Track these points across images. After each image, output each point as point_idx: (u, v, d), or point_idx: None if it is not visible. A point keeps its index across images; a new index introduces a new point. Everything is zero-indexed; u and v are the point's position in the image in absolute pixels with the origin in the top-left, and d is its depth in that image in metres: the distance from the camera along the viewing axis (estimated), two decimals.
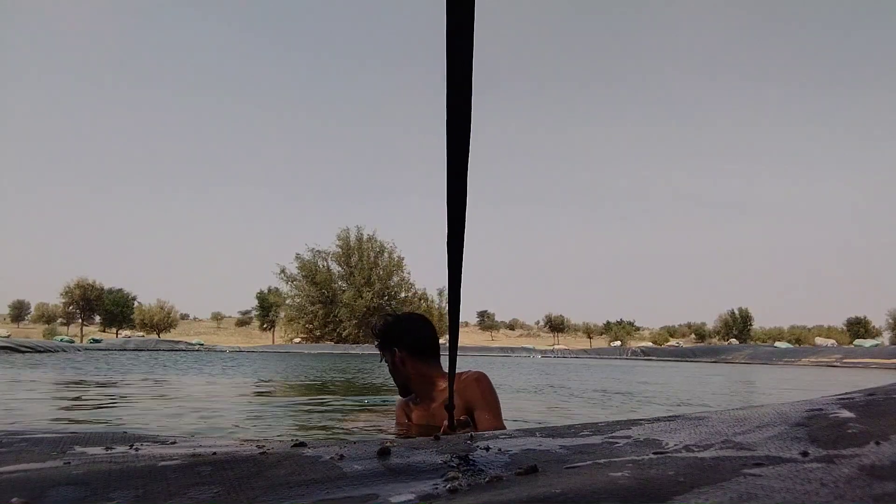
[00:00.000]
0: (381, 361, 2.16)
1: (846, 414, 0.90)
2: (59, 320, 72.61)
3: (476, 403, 1.85)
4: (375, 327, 2.17)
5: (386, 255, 43.52)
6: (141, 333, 59.25)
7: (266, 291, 62.30)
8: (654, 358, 26.37)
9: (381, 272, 42.83)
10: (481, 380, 1.91)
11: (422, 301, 43.23)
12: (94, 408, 3.27)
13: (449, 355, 1.18)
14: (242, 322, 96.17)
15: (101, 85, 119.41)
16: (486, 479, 0.74)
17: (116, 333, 65.19)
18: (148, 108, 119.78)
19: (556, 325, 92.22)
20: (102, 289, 65.23)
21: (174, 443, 1.06)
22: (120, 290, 70.02)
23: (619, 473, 0.69)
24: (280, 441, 1.10)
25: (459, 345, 1.99)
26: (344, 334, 40.80)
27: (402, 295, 44.00)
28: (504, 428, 1.83)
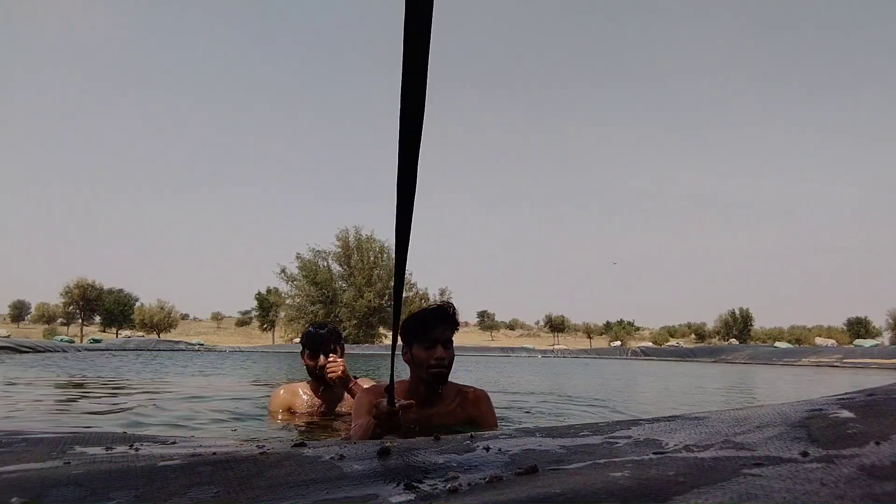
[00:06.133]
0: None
1: (846, 414, 0.90)
2: (60, 320, 72.64)
3: (483, 419, 2.03)
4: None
5: (386, 255, 43.54)
6: (141, 333, 59.22)
7: (266, 292, 62.28)
8: (654, 358, 26.34)
9: (382, 272, 42.85)
10: (489, 399, 2.11)
11: (423, 301, 43.23)
12: (94, 408, 3.27)
13: (392, 338, 1.17)
14: (242, 322, 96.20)
15: (102, 85, 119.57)
16: (486, 479, 0.74)
17: (116, 333, 65.19)
18: (148, 108, 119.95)
19: (556, 325, 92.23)
20: (102, 289, 65.25)
21: (174, 443, 1.06)
22: (120, 291, 70.09)
23: (619, 473, 0.69)
24: (280, 441, 1.10)
25: (460, 345, 2.02)
26: (344, 334, 40.70)
27: (403, 295, 43.97)
28: None
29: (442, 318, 1.94)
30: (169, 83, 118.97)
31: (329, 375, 2.46)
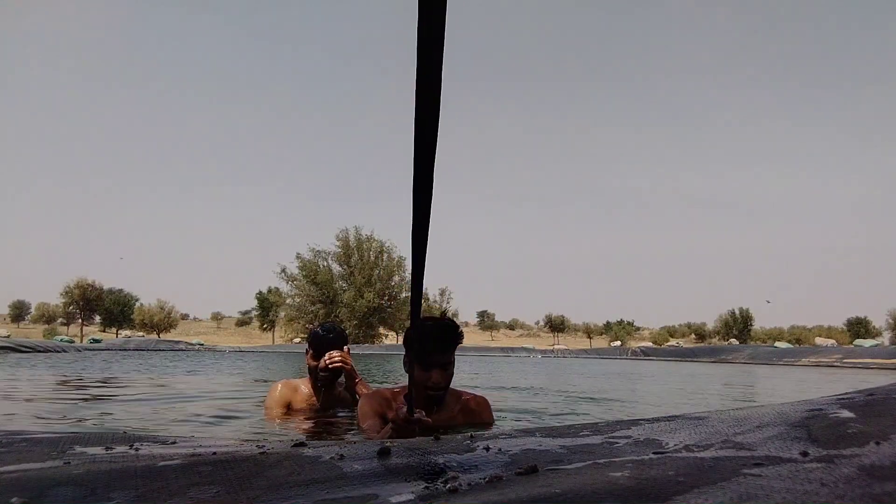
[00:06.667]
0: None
1: (846, 414, 0.90)
2: (60, 320, 72.63)
3: (485, 428, 2.04)
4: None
5: (386, 255, 43.57)
6: (141, 333, 59.22)
7: (266, 292, 62.32)
8: (654, 358, 26.32)
9: (382, 272, 42.86)
10: (489, 406, 2.14)
11: (422, 301, 43.15)
12: (94, 408, 3.27)
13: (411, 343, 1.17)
14: (242, 322, 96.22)
15: (102, 85, 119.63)
16: (486, 479, 0.74)
17: (116, 333, 65.17)
18: (148, 108, 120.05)
19: (556, 325, 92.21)
20: (102, 289, 65.24)
21: (174, 443, 1.06)
22: (120, 291, 70.10)
23: (619, 473, 0.69)
24: (280, 441, 1.10)
25: (460, 345, 2.02)
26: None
27: (403, 295, 44.01)
28: None
29: (442, 342, 1.87)
30: (169, 83, 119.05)
31: (333, 365, 2.45)
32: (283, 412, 2.59)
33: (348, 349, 2.57)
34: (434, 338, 1.86)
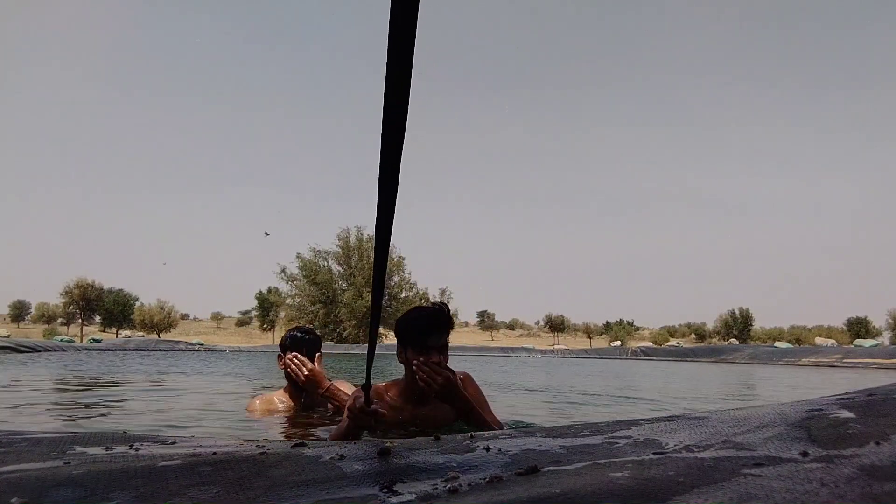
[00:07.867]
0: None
1: (846, 414, 0.90)
2: (60, 320, 72.63)
3: (474, 401, 1.98)
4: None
5: (387, 255, 43.46)
6: (141, 333, 59.20)
7: (266, 292, 62.35)
8: (654, 358, 26.30)
9: None
10: (472, 380, 2.07)
11: (423, 301, 43.21)
12: (94, 408, 3.27)
13: (370, 336, 1.16)
14: (242, 322, 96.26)
15: (102, 85, 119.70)
16: (486, 479, 0.74)
17: (116, 333, 65.16)
18: (148, 108, 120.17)
19: (556, 325, 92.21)
20: (102, 289, 65.23)
21: (174, 443, 1.06)
22: (120, 290, 70.09)
23: (619, 473, 0.69)
24: (280, 441, 1.10)
25: (460, 344, 2.01)
26: (344, 334, 40.79)
27: (403, 295, 44.02)
28: (498, 420, 2.00)
29: (437, 324, 1.89)
30: (170, 84, 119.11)
31: (289, 368, 2.42)
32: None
33: (319, 355, 2.52)
34: (428, 320, 1.89)
